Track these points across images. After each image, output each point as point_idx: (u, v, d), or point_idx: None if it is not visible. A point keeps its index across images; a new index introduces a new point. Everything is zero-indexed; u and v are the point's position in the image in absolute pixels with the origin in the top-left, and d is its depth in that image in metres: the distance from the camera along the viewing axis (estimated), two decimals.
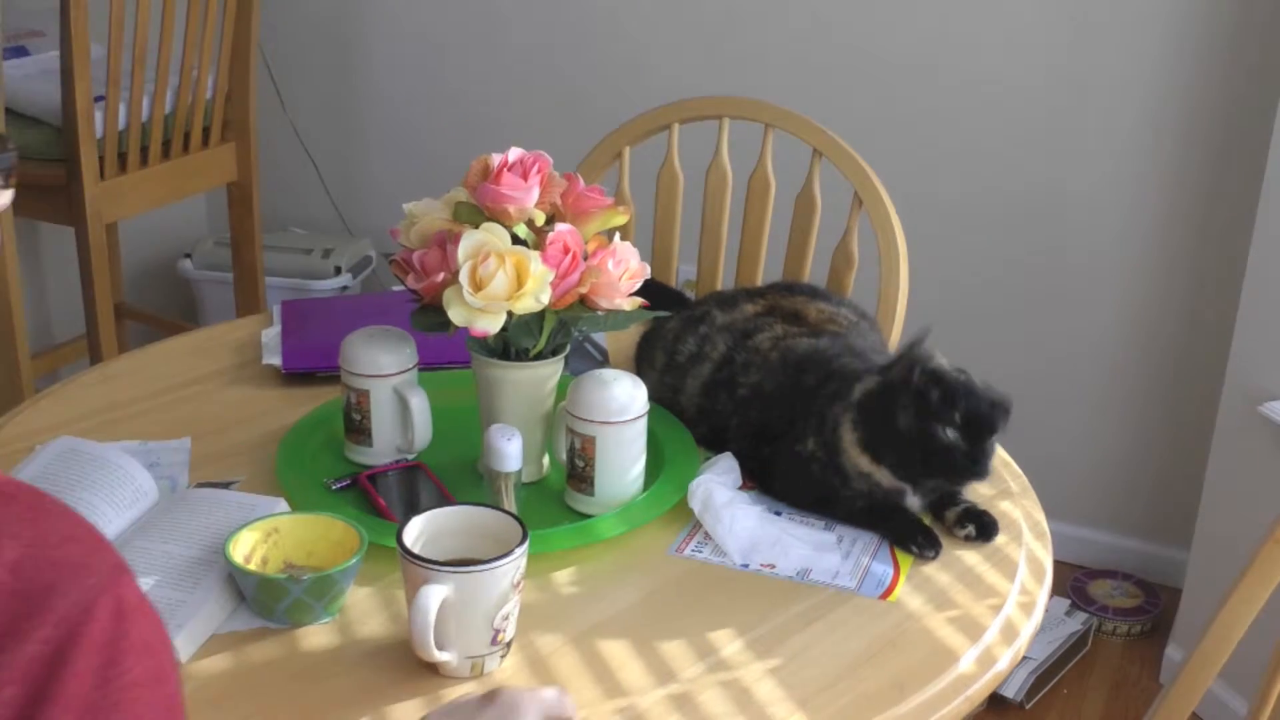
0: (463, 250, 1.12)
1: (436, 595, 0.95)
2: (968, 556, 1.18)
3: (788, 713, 0.97)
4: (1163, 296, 2.38)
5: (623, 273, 1.18)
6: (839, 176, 1.69)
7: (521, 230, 1.16)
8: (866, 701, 0.99)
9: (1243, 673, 1.39)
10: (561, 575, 1.13)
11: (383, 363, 1.25)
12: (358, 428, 1.27)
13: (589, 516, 1.20)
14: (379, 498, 1.20)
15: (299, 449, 1.28)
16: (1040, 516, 1.26)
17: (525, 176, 1.16)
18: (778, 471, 1.24)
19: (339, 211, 3.05)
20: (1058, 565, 1.22)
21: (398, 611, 1.06)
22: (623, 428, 1.18)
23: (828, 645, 1.05)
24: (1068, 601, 2.39)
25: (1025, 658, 2.20)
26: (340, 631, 1.05)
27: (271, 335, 1.53)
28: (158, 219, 2.78)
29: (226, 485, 1.23)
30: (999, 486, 1.29)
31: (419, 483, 1.24)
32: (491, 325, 1.12)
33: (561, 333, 1.20)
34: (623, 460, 1.20)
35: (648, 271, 1.21)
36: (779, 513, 1.22)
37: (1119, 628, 2.38)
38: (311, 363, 1.45)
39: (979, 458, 1.14)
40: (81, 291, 2.32)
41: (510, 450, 1.15)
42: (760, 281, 1.72)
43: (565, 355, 1.23)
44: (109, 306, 2.34)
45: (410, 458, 1.27)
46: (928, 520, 1.21)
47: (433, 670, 0.99)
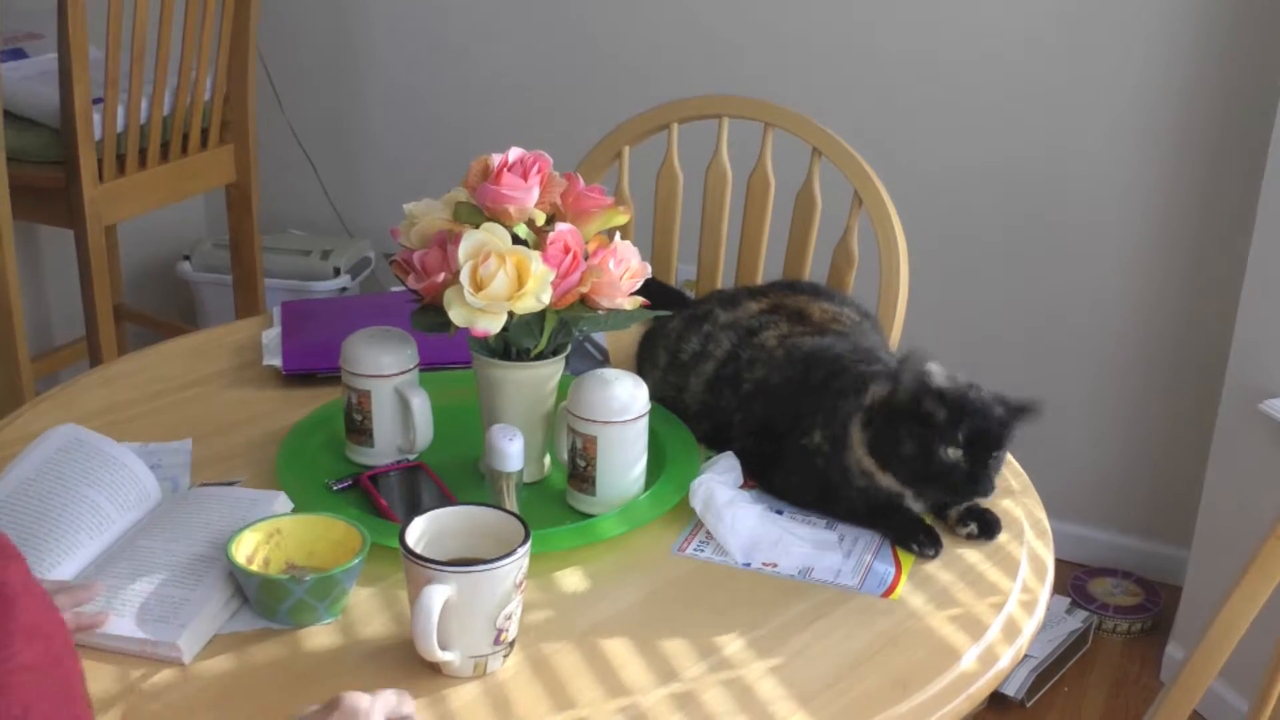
0: (463, 250, 1.12)
1: (439, 595, 0.95)
2: (969, 555, 1.18)
3: (790, 711, 0.97)
4: (1163, 294, 2.38)
5: (623, 272, 1.18)
6: (839, 175, 1.69)
7: (522, 230, 1.16)
8: (868, 700, 0.99)
9: (1244, 671, 1.39)
10: (563, 575, 1.13)
11: (384, 363, 1.25)
12: (359, 428, 1.27)
13: (590, 516, 1.20)
14: (380, 498, 1.21)
15: (300, 450, 1.28)
16: (1041, 515, 1.26)
17: (525, 176, 1.16)
18: (781, 467, 1.24)
19: (338, 213, 3.05)
20: (1058, 564, 1.23)
21: (400, 612, 1.06)
22: (624, 427, 1.18)
23: (829, 644, 1.05)
24: (1068, 600, 2.39)
25: (1026, 656, 2.20)
26: (343, 632, 1.05)
27: (272, 336, 1.53)
28: (156, 221, 2.78)
29: (228, 486, 1.23)
30: (1000, 485, 1.29)
31: (420, 483, 1.24)
32: (492, 325, 1.12)
33: (562, 332, 1.20)
34: (624, 460, 1.20)
35: (648, 271, 1.21)
36: (780, 512, 1.23)
37: (1119, 626, 2.38)
38: (312, 363, 1.45)
39: (980, 477, 1.15)
40: (81, 294, 2.32)
41: (512, 450, 1.15)
42: (760, 281, 1.72)
43: (566, 355, 1.23)
44: (108, 309, 2.34)
45: (412, 458, 1.27)
46: (929, 519, 1.22)
47: (436, 670, 0.99)
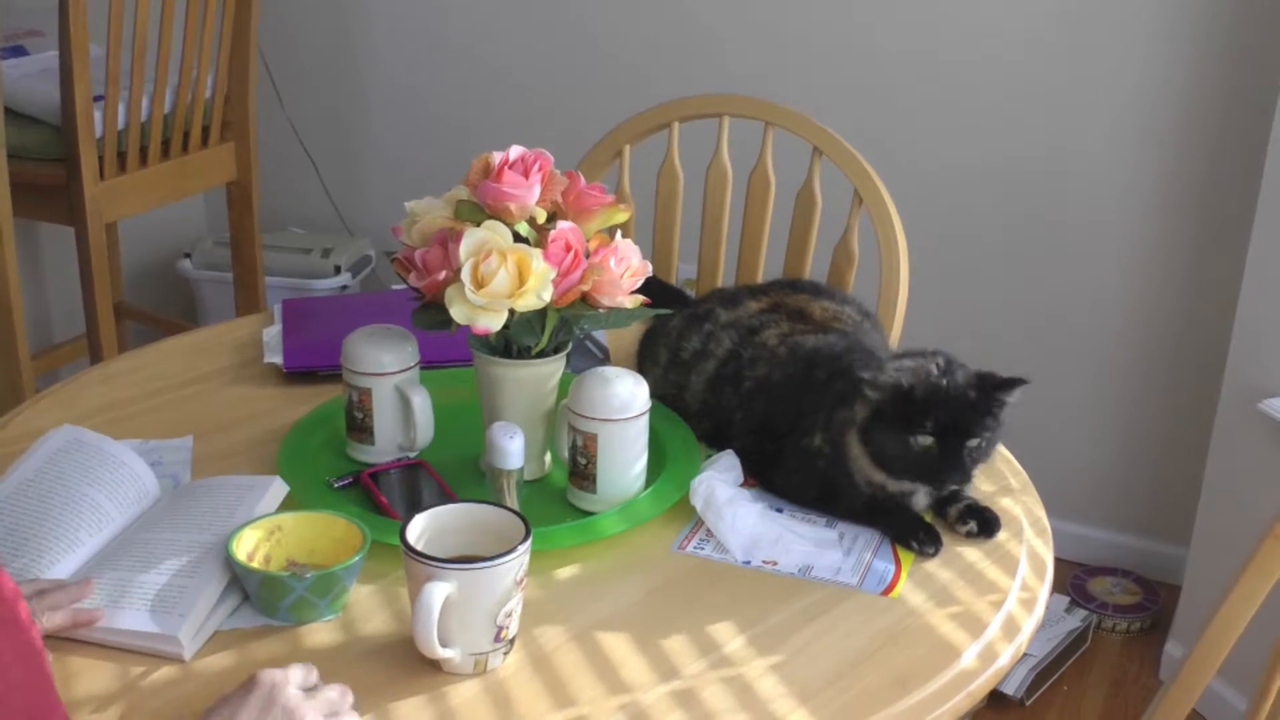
0: (464, 248, 1.12)
1: (440, 592, 0.95)
2: (969, 553, 1.18)
3: (790, 709, 0.98)
4: (1162, 294, 2.39)
5: (624, 270, 1.18)
6: (839, 174, 1.69)
7: (523, 228, 1.17)
8: (868, 697, 0.99)
9: (1242, 669, 1.39)
10: (564, 572, 1.13)
11: (384, 361, 1.25)
12: (360, 426, 1.27)
13: (591, 514, 1.20)
14: (381, 496, 1.21)
15: (301, 447, 1.28)
16: (1041, 513, 1.27)
17: (526, 174, 1.16)
18: (781, 466, 1.24)
19: (338, 211, 3.05)
20: (1057, 563, 1.23)
21: (401, 609, 1.06)
22: (624, 425, 1.19)
23: (829, 641, 1.05)
24: (1067, 599, 2.39)
25: (1025, 655, 2.20)
26: (343, 629, 1.05)
27: (272, 334, 1.53)
28: (157, 219, 2.78)
29: None
30: (999, 483, 1.30)
31: (421, 481, 1.24)
32: (493, 323, 1.12)
33: (563, 330, 1.21)
34: (625, 458, 1.20)
35: (649, 269, 1.21)
36: (780, 510, 1.23)
37: (1118, 625, 2.38)
38: (313, 361, 1.45)
39: (952, 465, 1.15)
40: (81, 291, 2.32)
41: (512, 448, 1.15)
42: (761, 279, 1.72)
43: (567, 353, 1.24)
44: (109, 306, 2.34)
45: (412, 456, 1.28)
46: (929, 517, 1.22)
47: (436, 667, 1.00)
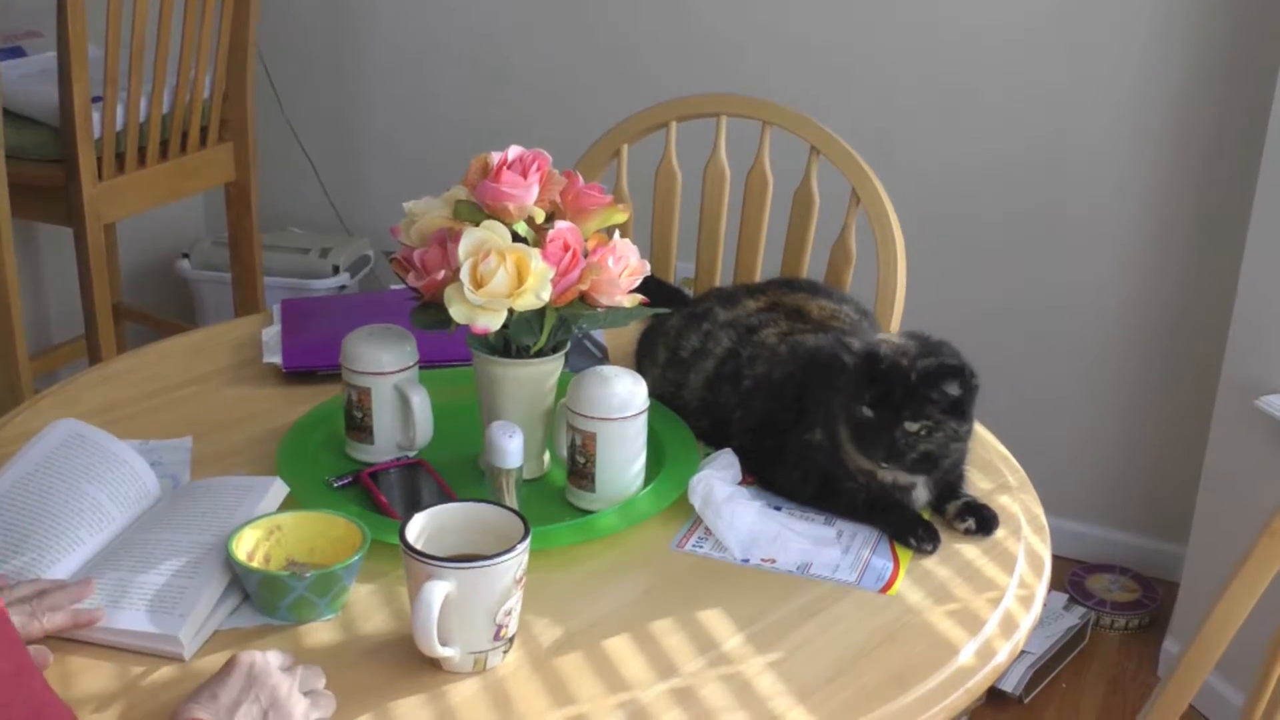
0: (463, 248, 1.13)
1: (439, 591, 0.95)
2: (967, 550, 1.19)
3: (788, 706, 0.98)
4: (1160, 291, 2.39)
5: (623, 270, 1.19)
6: (836, 173, 1.70)
7: (521, 228, 1.17)
8: (867, 694, 0.99)
9: (1240, 665, 1.40)
10: (563, 571, 1.13)
11: (384, 360, 1.25)
12: (359, 425, 1.27)
13: (590, 512, 1.20)
14: (381, 495, 1.21)
15: (300, 447, 1.28)
16: (1039, 511, 1.27)
17: (525, 174, 1.17)
18: (781, 463, 1.24)
19: (337, 211, 3.05)
20: (1056, 560, 1.23)
21: (400, 608, 1.06)
22: (623, 424, 1.19)
23: (828, 639, 1.06)
24: (1066, 596, 2.40)
25: (1024, 652, 2.20)
26: (343, 628, 1.05)
27: (272, 334, 1.53)
28: (155, 219, 2.78)
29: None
30: (997, 480, 1.30)
31: (420, 480, 1.24)
32: (492, 322, 1.13)
33: (562, 330, 1.21)
34: (623, 456, 1.20)
35: (647, 268, 1.22)
36: (779, 508, 1.23)
37: (1117, 622, 2.39)
38: (312, 361, 1.45)
39: (884, 439, 1.14)
40: (80, 292, 2.32)
41: (511, 447, 1.15)
42: (758, 278, 1.73)
43: (565, 352, 1.24)
44: (107, 307, 2.34)
45: (411, 455, 1.28)
46: (927, 514, 1.22)
47: (436, 666, 1.00)
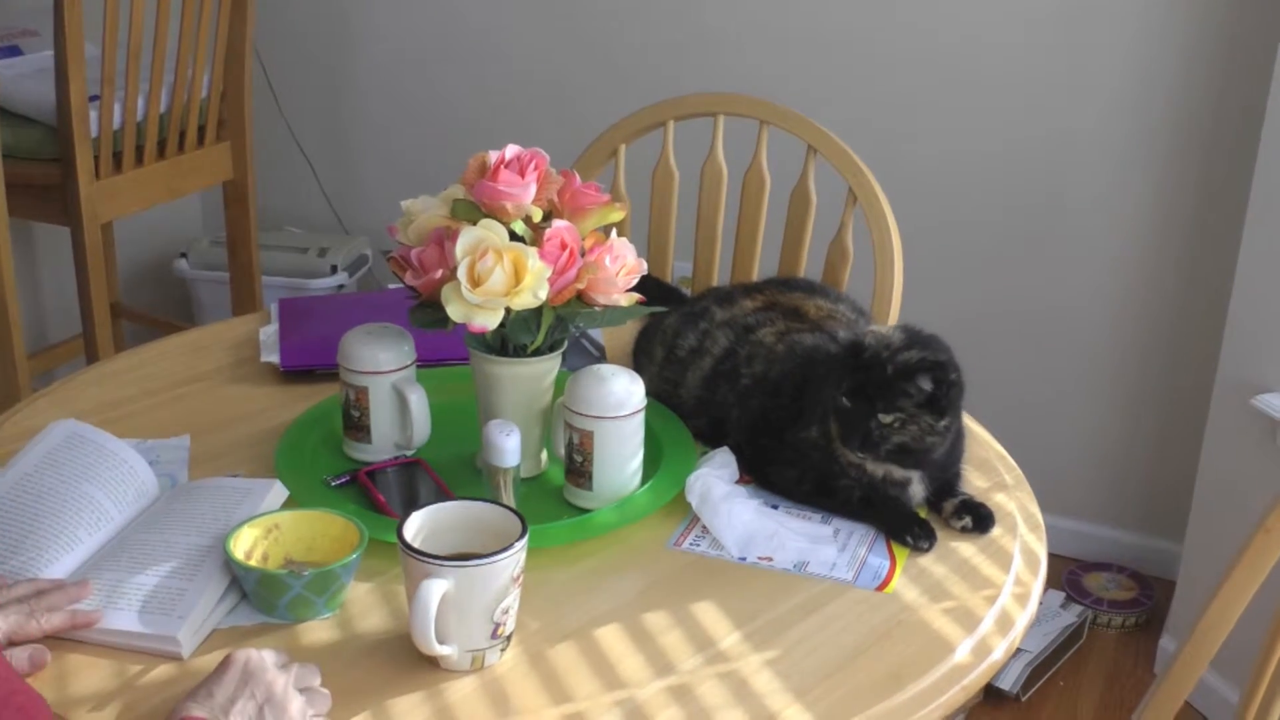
0: (460, 247, 1.13)
1: (437, 589, 0.95)
2: (963, 548, 1.19)
3: (785, 704, 0.98)
4: (1156, 290, 2.39)
5: (620, 268, 1.19)
6: (834, 172, 1.70)
7: (519, 227, 1.17)
8: (863, 692, 1.00)
9: (1236, 662, 1.40)
10: (560, 569, 1.14)
11: (381, 359, 1.26)
12: (356, 424, 1.27)
13: (587, 511, 1.20)
14: (378, 494, 1.21)
15: (298, 446, 1.28)
16: (1035, 509, 1.27)
17: (522, 173, 1.17)
18: (778, 460, 1.25)
19: (334, 210, 3.05)
20: (1053, 558, 1.23)
21: (398, 606, 1.06)
22: (621, 422, 1.19)
23: (825, 637, 1.06)
24: (1063, 594, 2.40)
25: (1021, 650, 2.21)
26: (341, 627, 1.05)
27: (269, 333, 1.53)
28: (153, 218, 2.78)
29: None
30: (994, 479, 1.30)
31: (418, 479, 1.25)
32: (489, 321, 1.13)
33: (559, 328, 1.21)
34: (621, 455, 1.20)
35: (644, 267, 1.22)
36: (776, 506, 1.23)
37: (1114, 620, 2.39)
38: (310, 360, 1.45)
39: (858, 428, 1.15)
40: (77, 291, 2.32)
41: (509, 446, 1.16)
42: (755, 277, 1.73)
43: (563, 351, 1.24)
44: (105, 306, 2.34)
45: (409, 454, 1.28)
46: (924, 513, 1.22)
47: (433, 664, 1.00)
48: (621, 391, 1.19)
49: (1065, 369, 2.49)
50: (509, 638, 1.02)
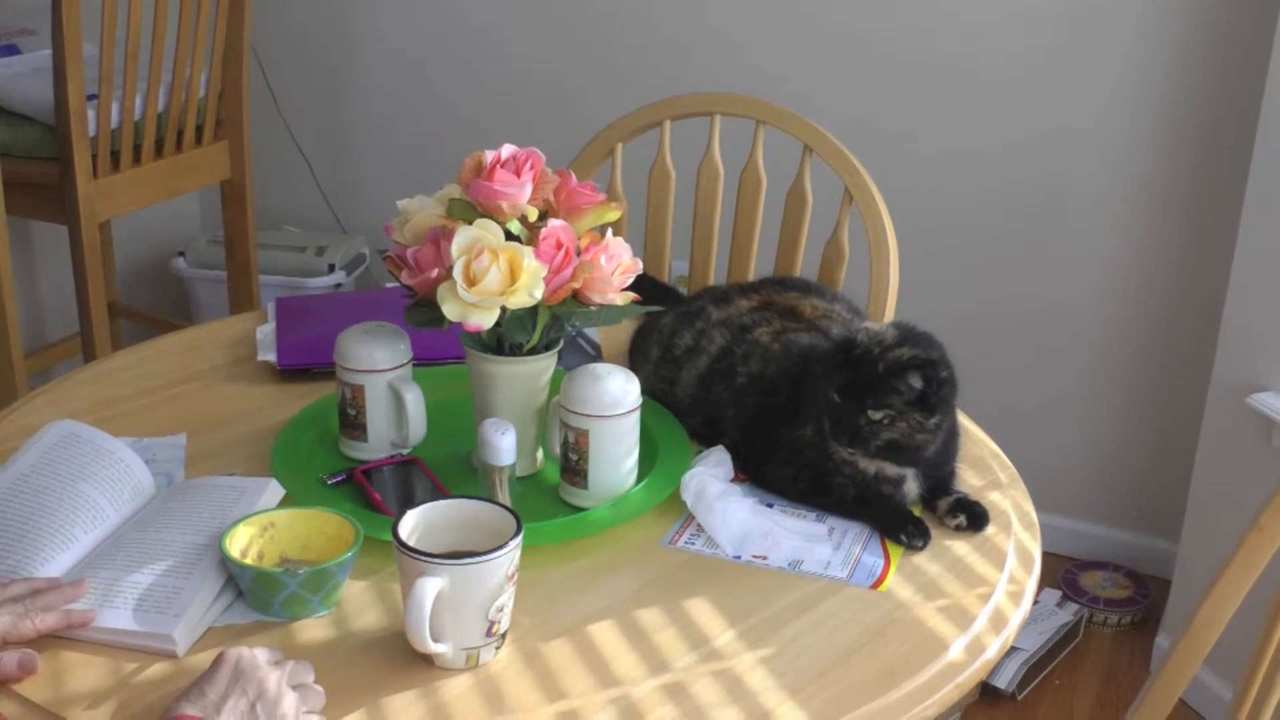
0: (456, 246, 1.13)
1: (432, 587, 0.95)
2: (957, 547, 1.19)
3: (779, 701, 0.98)
4: (1152, 289, 2.40)
5: (615, 268, 1.19)
6: (830, 172, 1.70)
7: (515, 226, 1.17)
8: (857, 689, 1.00)
9: (1229, 659, 1.40)
10: (555, 567, 1.14)
11: (377, 358, 1.26)
12: (353, 423, 1.27)
13: (583, 509, 1.21)
14: (374, 492, 1.21)
15: (294, 444, 1.28)
16: (1029, 507, 1.27)
17: (518, 173, 1.17)
18: (773, 459, 1.25)
19: (332, 209, 3.05)
20: (1049, 557, 1.24)
21: (393, 604, 1.07)
22: (616, 421, 1.19)
23: (819, 635, 1.06)
24: (1059, 593, 2.40)
25: (1017, 649, 2.21)
26: (336, 624, 1.05)
27: (266, 332, 1.54)
28: (151, 217, 2.79)
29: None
30: (988, 477, 1.30)
31: (414, 477, 1.25)
32: (485, 320, 1.13)
33: (555, 328, 1.21)
34: (616, 453, 1.20)
35: (640, 267, 1.22)
36: (771, 505, 1.24)
37: (1109, 619, 2.39)
38: (306, 359, 1.45)
39: (848, 425, 1.16)
40: (75, 290, 2.33)
41: (504, 444, 1.16)
42: (751, 277, 1.73)
43: (558, 350, 1.24)
44: (102, 305, 2.35)
45: (405, 452, 1.28)
46: (919, 511, 1.23)
47: (428, 662, 1.00)
48: (617, 390, 1.19)
49: (1062, 368, 2.50)
50: (504, 636, 1.02)
